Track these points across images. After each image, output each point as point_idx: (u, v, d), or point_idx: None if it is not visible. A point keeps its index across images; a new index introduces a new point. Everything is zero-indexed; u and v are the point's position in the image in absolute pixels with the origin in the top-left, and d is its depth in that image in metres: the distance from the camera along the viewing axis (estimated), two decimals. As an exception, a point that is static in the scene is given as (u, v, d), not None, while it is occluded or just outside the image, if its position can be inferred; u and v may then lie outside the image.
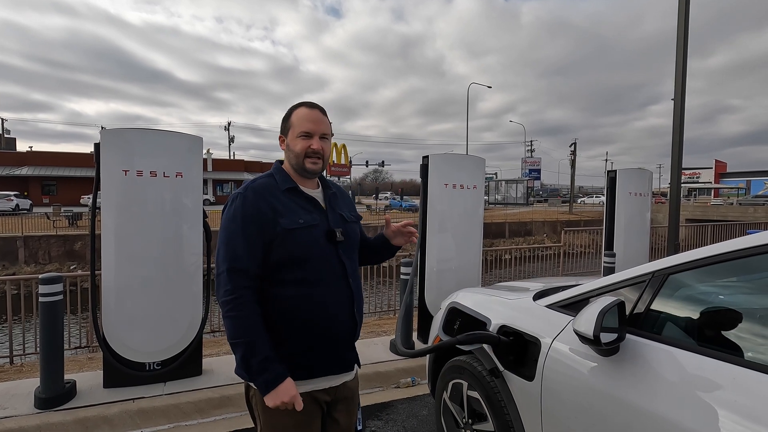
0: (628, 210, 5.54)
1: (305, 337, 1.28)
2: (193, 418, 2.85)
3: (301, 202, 1.33)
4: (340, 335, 1.33)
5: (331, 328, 1.31)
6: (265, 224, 1.24)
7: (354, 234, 1.43)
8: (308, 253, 1.27)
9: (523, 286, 2.30)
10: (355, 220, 1.46)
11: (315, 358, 1.30)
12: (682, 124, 5.59)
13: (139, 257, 2.95)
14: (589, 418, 1.38)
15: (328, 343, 1.31)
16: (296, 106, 1.37)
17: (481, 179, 4.28)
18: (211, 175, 39.21)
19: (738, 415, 1.02)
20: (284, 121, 1.38)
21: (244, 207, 1.26)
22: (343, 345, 1.35)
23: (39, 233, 15.61)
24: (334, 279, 1.32)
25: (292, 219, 1.27)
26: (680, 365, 1.20)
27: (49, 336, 2.80)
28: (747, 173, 57.26)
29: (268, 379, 1.19)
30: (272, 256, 1.26)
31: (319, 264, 1.29)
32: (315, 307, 1.28)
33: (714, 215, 22.90)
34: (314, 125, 1.33)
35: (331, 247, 1.32)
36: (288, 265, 1.27)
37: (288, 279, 1.27)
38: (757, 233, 1.21)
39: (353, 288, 1.35)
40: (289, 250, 1.26)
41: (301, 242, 1.26)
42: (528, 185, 41.83)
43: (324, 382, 1.33)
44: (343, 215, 1.40)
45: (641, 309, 1.41)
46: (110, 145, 2.85)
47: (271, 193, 1.30)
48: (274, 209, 1.26)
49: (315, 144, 1.32)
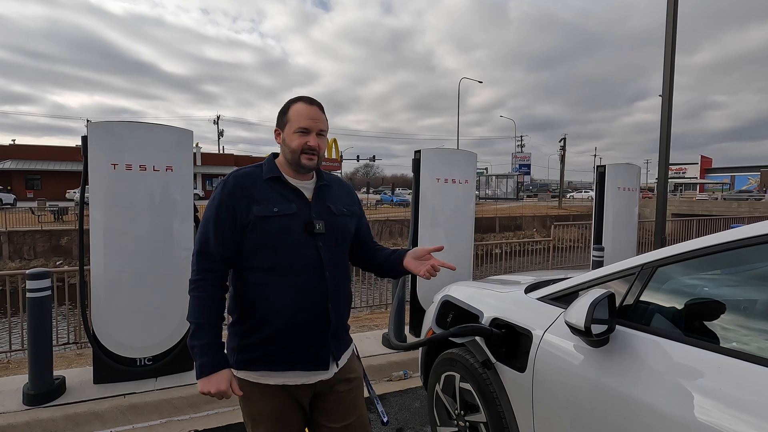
0: (616, 204, 5.62)
1: (269, 327, 1.27)
2: (185, 413, 2.84)
3: (282, 191, 1.32)
4: (309, 330, 1.29)
5: (298, 321, 1.27)
6: (239, 211, 1.26)
7: (342, 228, 1.39)
8: (279, 241, 1.26)
9: (514, 280, 2.33)
10: (347, 214, 1.42)
11: (279, 351, 1.28)
12: (670, 119, 5.67)
13: (128, 252, 2.92)
14: (579, 407, 1.41)
15: (293, 336, 1.28)
16: (294, 101, 1.36)
17: (472, 174, 4.30)
18: (200, 169, 38.76)
19: (722, 402, 1.05)
20: (281, 114, 1.37)
21: (222, 193, 1.29)
22: (313, 341, 1.30)
23: (24, 228, 15.30)
24: (308, 271, 1.28)
25: (266, 207, 1.27)
26: (668, 355, 1.24)
27: (38, 332, 2.76)
28: (731, 169, 58.39)
29: (205, 364, 1.21)
30: (245, 243, 1.27)
31: (292, 254, 1.27)
32: (281, 298, 1.26)
33: (699, 210, 23.37)
34: (312, 122, 1.32)
35: (308, 239, 1.29)
36: (258, 252, 1.27)
37: (257, 266, 1.28)
38: (741, 227, 1.24)
39: (330, 282, 1.31)
40: (259, 238, 1.26)
41: (272, 231, 1.26)
42: (518, 180, 42.12)
43: (295, 378, 1.30)
44: (331, 207, 1.38)
45: (630, 301, 1.44)
46: (98, 139, 2.80)
47: (251, 181, 1.31)
48: (250, 197, 1.27)
49: (312, 141, 1.32)
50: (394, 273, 1.49)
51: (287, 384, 1.30)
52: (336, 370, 1.37)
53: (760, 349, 1.10)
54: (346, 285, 1.41)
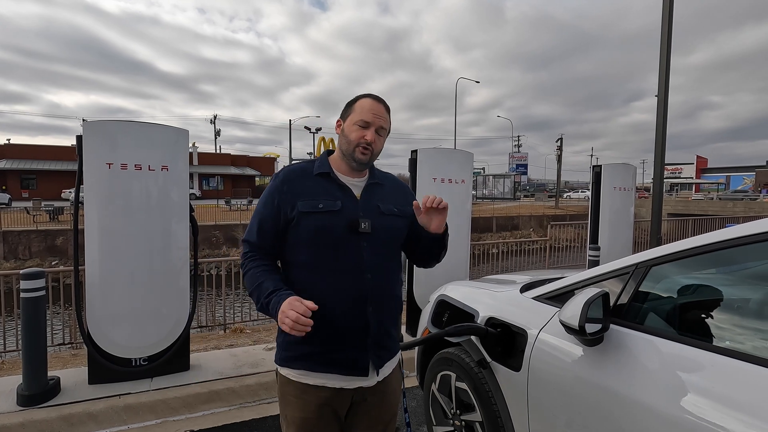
0: (612, 204, 5.64)
1: None
2: (181, 413, 2.83)
3: (329, 187, 1.30)
4: (346, 333, 1.25)
5: (335, 323, 1.23)
6: (283, 206, 1.27)
7: (390, 229, 1.33)
8: (322, 238, 1.24)
9: (510, 279, 2.33)
10: (398, 215, 1.36)
11: (318, 352, 1.25)
12: (666, 120, 5.70)
13: (124, 252, 2.91)
14: (574, 406, 1.41)
15: (331, 339, 1.24)
16: (363, 96, 1.35)
17: (469, 173, 4.31)
18: (197, 169, 38.64)
19: (714, 400, 1.06)
20: (347, 106, 1.36)
21: (270, 188, 1.32)
22: (351, 345, 1.26)
23: (18, 228, 15.21)
24: (349, 272, 1.25)
25: (311, 203, 1.26)
26: (661, 354, 1.24)
27: (32, 332, 2.75)
28: (727, 169, 58.72)
29: (276, 302, 1.17)
30: (289, 238, 1.28)
31: (333, 253, 1.25)
32: (320, 297, 1.20)
33: (695, 210, 23.47)
34: (374, 116, 1.30)
35: (352, 237, 1.26)
36: (301, 248, 1.26)
37: (300, 263, 1.27)
38: (735, 226, 1.25)
39: (370, 285, 1.26)
40: (303, 234, 1.25)
41: (315, 227, 1.24)
42: (515, 180, 42.20)
43: (334, 381, 1.26)
44: (380, 206, 1.33)
45: (625, 300, 1.45)
46: (93, 138, 2.79)
47: (299, 176, 1.32)
48: (296, 192, 1.28)
49: (369, 135, 1.29)
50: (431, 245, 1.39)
51: (326, 386, 1.26)
52: (378, 379, 1.32)
53: (752, 347, 1.11)
54: (392, 289, 1.35)
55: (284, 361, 1.30)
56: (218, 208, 21.76)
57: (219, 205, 24.14)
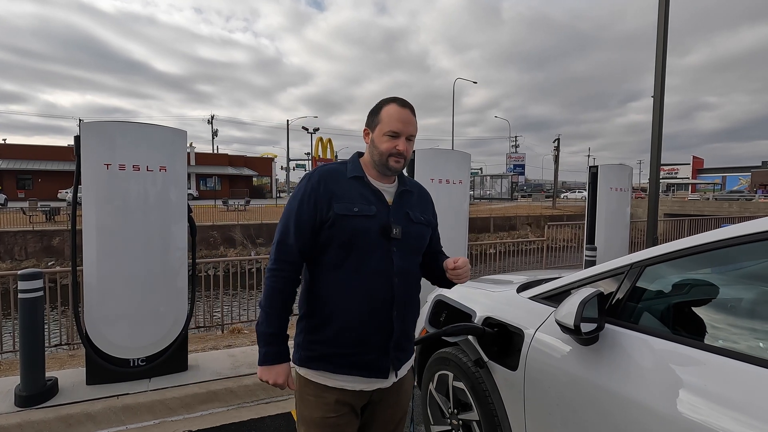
0: (609, 205, 5.68)
1: (331, 328, 1.26)
2: (179, 413, 2.83)
3: (363, 191, 1.31)
4: (370, 336, 1.27)
5: (360, 325, 1.26)
6: (320, 206, 1.27)
7: (417, 237, 1.37)
8: (355, 241, 1.26)
9: (507, 279, 2.35)
10: (424, 223, 1.40)
11: (339, 353, 1.27)
12: (662, 120, 5.73)
13: (122, 253, 2.91)
14: (570, 404, 1.43)
15: (354, 340, 1.26)
16: (387, 101, 1.34)
17: (466, 174, 4.33)
18: (194, 169, 38.53)
19: (708, 399, 1.07)
20: (372, 114, 1.35)
21: (305, 187, 1.30)
22: (373, 348, 1.27)
23: (15, 228, 15.13)
24: (378, 276, 1.27)
25: (347, 205, 1.26)
26: (656, 352, 1.26)
27: (30, 333, 2.74)
28: (723, 169, 59.04)
29: (268, 353, 1.26)
30: (321, 239, 1.28)
31: (364, 256, 1.26)
32: (346, 299, 1.25)
33: (691, 210, 23.59)
34: (403, 125, 1.30)
35: (383, 242, 1.28)
36: (332, 250, 1.27)
37: (329, 263, 1.28)
38: (728, 227, 1.27)
39: (397, 289, 1.28)
40: (336, 235, 1.25)
41: (349, 229, 1.25)
42: (512, 180, 42.27)
43: (353, 383, 1.28)
44: (409, 214, 1.36)
45: (619, 299, 1.46)
46: (91, 138, 2.79)
47: (334, 178, 1.31)
48: (332, 193, 1.28)
49: (401, 145, 1.30)
50: (442, 282, 1.50)
51: (345, 388, 1.28)
52: (395, 380, 1.34)
53: (746, 346, 1.13)
54: (415, 295, 1.38)
55: (303, 361, 1.30)
56: (215, 209, 21.73)
57: (216, 205, 24.12)
